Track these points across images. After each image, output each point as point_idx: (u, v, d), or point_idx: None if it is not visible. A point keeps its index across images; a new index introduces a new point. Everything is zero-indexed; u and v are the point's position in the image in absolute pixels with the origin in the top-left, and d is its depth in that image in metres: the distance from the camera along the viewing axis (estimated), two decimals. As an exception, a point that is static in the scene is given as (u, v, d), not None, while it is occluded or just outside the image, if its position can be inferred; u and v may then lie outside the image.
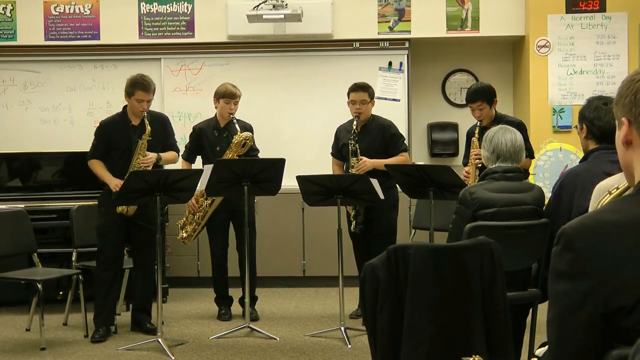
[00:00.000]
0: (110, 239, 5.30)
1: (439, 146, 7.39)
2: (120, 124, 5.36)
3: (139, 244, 5.44)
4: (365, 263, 3.19)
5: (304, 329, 5.50)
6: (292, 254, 7.00)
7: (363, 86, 5.67)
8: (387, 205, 5.54)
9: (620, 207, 1.57)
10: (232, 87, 5.79)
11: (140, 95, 5.25)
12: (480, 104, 5.24)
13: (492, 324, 3.10)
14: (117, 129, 5.35)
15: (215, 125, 5.84)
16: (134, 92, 5.25)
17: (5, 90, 7.20)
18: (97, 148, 5.40)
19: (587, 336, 1.52)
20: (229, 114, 5.73)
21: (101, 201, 5.41)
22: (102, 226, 5.33)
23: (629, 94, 1.58)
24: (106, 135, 5.36)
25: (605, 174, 2.85)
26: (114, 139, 5.35)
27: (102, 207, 5.38)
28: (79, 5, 7.14)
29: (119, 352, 4.96)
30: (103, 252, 5.32)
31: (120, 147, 5.34)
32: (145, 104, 5.29)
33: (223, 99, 5.75)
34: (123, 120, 5.38)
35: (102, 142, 5.37)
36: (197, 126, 5.94)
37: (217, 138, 5.80)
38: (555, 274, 1.56)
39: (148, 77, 5.37)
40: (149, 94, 5.29)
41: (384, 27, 7.09)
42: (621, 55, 6.79)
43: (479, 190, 3.80)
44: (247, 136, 5.69)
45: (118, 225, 5.29)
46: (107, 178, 5.31)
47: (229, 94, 5.74)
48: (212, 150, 5.78)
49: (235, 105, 5.77)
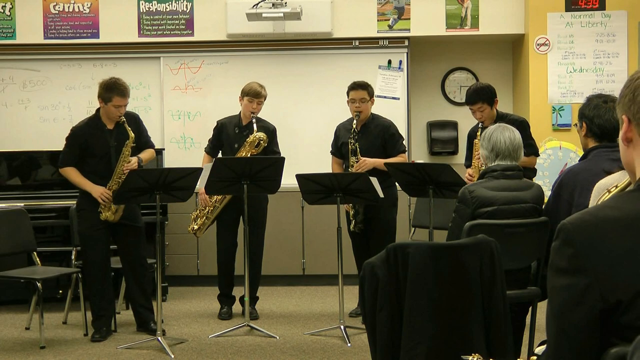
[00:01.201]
0: (94, 243, 5.23)
1: (439, 144, 7.39)
2: (95, 130, 5.27)
3: (125, 243, 5.36)
4: (364, 262, 3.19)
5: (304, 327, 5.50)
6: (291, 253, 7.00)
7: (362, 84, 5.66)
8: (386, 204, 5.54)
9: (620, 203, 1.58)
10: (258, 87, 5.75)
11: (118, 100, 5.18)
12: (480, 106, 5.16)
13: (492, 323, 3.10)
14: (93, 135, 5.25)
15: (237, 122, 5.83)
16: (112, 97, 5.17)
17: (4, 88, 7.19)
18: (69, 155, 5.28)
19: (586, 331, 1.52)
20: (251, 113, 5.71)
21: (79, 206, 5.32)
22: (83, 231, 5.27)
23: (628, 93, 1.60)
24: (80, 142, 5.25)
25: (605, 172, 2.85)
26: (90, 145, 5.24)
27: (81, 211, 5.30)
28: (79, 4, 7.13)
29: (119, 350, 4.96)
30: (88, 257, 5.28)
31: (97, 153, 5.25)
32: (122, 108, 5.23)
33: (247, 97, 5.71)
34: (97, 124, 5.28)
35: (74, 149, 5.26)
36: (221, 121, 5.92)
37: (236, 135, 5.78)
38: (554, 269, 1.56)
39: (122, 80, 5.29)
40: (126, 98, 5.24)
41: (384, 26, 7.08)
42: (621, 53, 6.79)
43: (478, 188, 3.80)
44: (262, 137, 5.66)
45: (100, 228, 5.22)
46: (88, 186, 5.20)
47: (254, 92, 5.71)
48: (230, 147, 5.77)
49: (259, 105, 5.72)
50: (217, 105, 6.95)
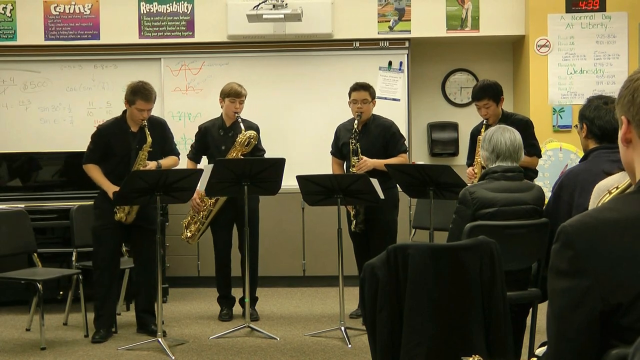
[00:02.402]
0: (106, 241, 5.26)
1: (439, 146, 7.40)
2: (120, 131, 5.30)
3: (140, 245, 5.40)
4: (365, 263, 3.19)
5: (304, 328, 5.50)
6: (292, 254, 7.00)
7: (364, 86, 5.67)
8: (387, 206, 5.53)
9: (620, 205, 1.58)
10: (237, 87, 5.77)
11: (141, 104, 5.20)
12: (486, 102, 5.18)
13: (492, 324, 3.10)
14: (116, 136, 5.30)
15: (221, 124, 5.84)
16: (135, 100, 5.20)
17: (5, 90, 7.20)
18: (93, 153, 5.33)
19: (587, 333, 1.52)
20: (235, 113, 5.72)
21: (97, 203, 5.36)
22: (97, 228, 5.30)
23: (627, 94, 1.60)
24: (104, 141, 5.30)
25: (605, 173, 2.85)
26: (112, 145, 5.29)
27: (97, 209, 5.34)
28: (79, 5, 7.14)
29: (119, 351, 4.96)
30: (99, 254, 5.29)
31: (118, 154, 5.29)
32: (146, 112, 5.24)
33: (228, 98, 5.74)
34: (122, 126, 5.31)
35: (99, 147, 5.31)
36: (203, 125, 5.93)
37: (222, 137, 5.80)
38: (554, 271, 1.56)
39: (149, 85, 5.29)
40: (150, 103, 5.24)
41: (384, 27, 7.08)
42: (621, 54, 6.79)
43: (479, 189, 3.80)
44: (252, 135, 5.69)
45: (114, 227, 5.25)
46: (106, 185, 5.25)
47: (235, 93, 5.73)
48: (217, 150, 5.77)
49: (241, 105, 5.76)
50: (217, 106, 6.90)
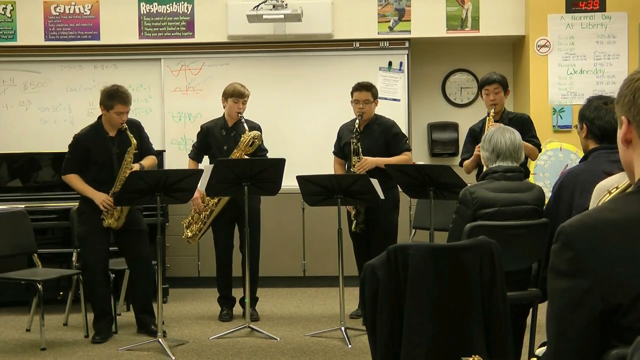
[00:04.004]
0: (92, 246, 5.23)
1: (439, 146, 7.40)
2: (98, 137, 5.27)
3: (130, 247, 5.37)
4: (365, 263, 3.19)
5: (305, 329, 5.50)
6: (292, 254, 6.99)
7: (367, 86, 5.67)
8: (388, 206, 5.54)
9: (620, 206, 1.58)
10: (240, 87, 5.77)
11: (120, 107, 5.18)
12: (496, 87, 5.27)
13: (492, 324, 3.10)
14: (95, 142, 5.26)
15: (223, 124, 5.84)
16: (113, 105, 5.17)
17: (5, 90, 7.20)
18: (72, 162, 5.29)
19: (586, 334, 1.52)
20: (238, 114, 5.72)
21: (80, 210, 5.35)
22: (82, 233, 5.28)
23: (628, 94, 1.59)
24: (83, 149, 5.26)
25: (605, 173, 2.85)
26: (92, 152, 5.25)
27: (81, 215, 5.32)
28: (79, 6, 7.14)
29: (120, 352, 4.96)
30: (85, 259, 5.28)
31: (99, 160, 5.26)
32: (125, 115, 5.23)
33: (232, 98, 5.73)
34: (100, 132, 5.28)
35: (77, 156, 5.27)
36: (205, 125, 5.93)
37: (224, 137, 5.80)
38: (554, 271, 1.56)
39: (124, 87, 5.29)
40: (128, 105, 5.24)
41: (384, 27, 7.08)
42: (621, 54, 6.79)
43: (479, 190, 3.80)
44: (256, 135, 5.68)
45: (99, 232, 5.23)
46: (90, 193, 5.22)
47: (238, 93, 5.73)
48: (219, 150, 5.77)
49: (244, 105, 5.76)
50: (217, 106, 6.90)
